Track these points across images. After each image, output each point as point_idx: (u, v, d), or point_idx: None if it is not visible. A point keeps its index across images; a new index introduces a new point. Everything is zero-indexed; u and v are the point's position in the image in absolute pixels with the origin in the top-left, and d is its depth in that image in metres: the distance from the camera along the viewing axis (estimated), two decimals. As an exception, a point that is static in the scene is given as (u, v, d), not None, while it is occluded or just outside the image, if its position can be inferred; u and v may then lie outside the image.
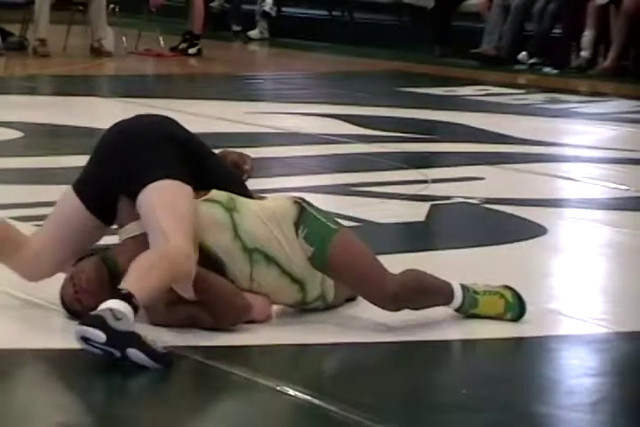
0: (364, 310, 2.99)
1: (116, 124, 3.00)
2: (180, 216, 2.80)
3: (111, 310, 2.63)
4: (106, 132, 3.00)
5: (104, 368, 2.71)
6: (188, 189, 2.86)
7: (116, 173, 2.91)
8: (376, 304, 2.94)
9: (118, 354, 2.62)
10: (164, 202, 2.81)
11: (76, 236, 2.95)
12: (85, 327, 2.61)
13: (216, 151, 3.16)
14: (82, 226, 2.95)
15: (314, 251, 2.92)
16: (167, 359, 2.66)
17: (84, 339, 2.61)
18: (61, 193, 3.07)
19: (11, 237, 3.02)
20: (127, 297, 2.67)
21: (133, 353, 2.61)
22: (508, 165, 5.34)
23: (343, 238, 2.93)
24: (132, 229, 2.94)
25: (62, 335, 2.84)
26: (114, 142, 2.94)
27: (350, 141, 5.77)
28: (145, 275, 2.72)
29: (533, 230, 4.11)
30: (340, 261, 2.91)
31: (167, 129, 2.94)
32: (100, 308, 2.66)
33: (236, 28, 11.75)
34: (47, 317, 2.91)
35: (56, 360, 2.77)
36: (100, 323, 2.60)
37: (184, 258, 2.77)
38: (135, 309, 2.66)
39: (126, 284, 2.71)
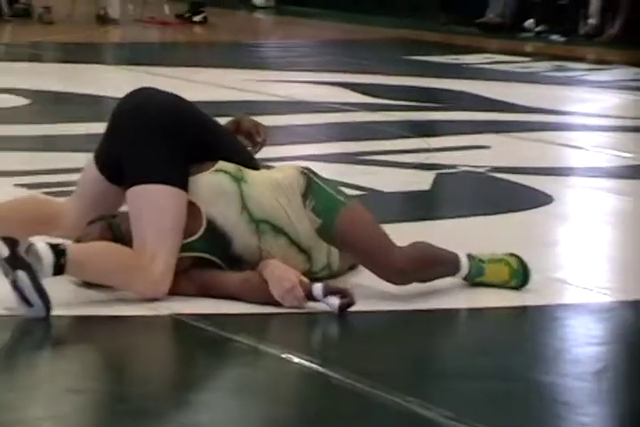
0: (368, 277, 2.98)
1: (129, 97, 2.97)
2: (164, 230, 2.80)
3: (31, 245, 2.68)
4: (120, 103, 2.98)
5: (110, 334, 2.71)
6: (182, 199, 2.84)
7: (122, 150, 2.89)
8: (383, 278, 2.93)
9: (10, 275, 2.66)
10: (153, 212, 2.81)
11: (98, 202, 2.98)
12: (0, 240, 2.67)
13: (231, 118, 3.14)
14: (102, 191, 2.97)
15: (321, 223, 2.90)
16: (48, 303, 2.67)
17: None
18: (69, 159, 3.07)
19: (35, 215, 3.07)
20: (59, 253, 2.69)
21: (22, 278, 2.64)
22: (514, 134, 5.30)
23: (351, 211, 2.91)
24: None
25: (68, 301, 2.84)
26: (122, 120, 2.92)
27: (355, 110, 5.74)
28: (99, 260, 2.75)
29: (539, 199, 4.09)
30: (347, 235, 2.89)
31: (175, 116, 2.90)
32: (29, 239, 2.72)
33: (241, -5, 11.67)
34: (52, 282, 2.90)
35: (61, 326, 2.77)
36: (11, 245, 2.66)
37: (152, 287, 2.80)
38: (56, 268, 2.68)
39: (74, 247, 2.72)
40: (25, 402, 2.34)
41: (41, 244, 2.69)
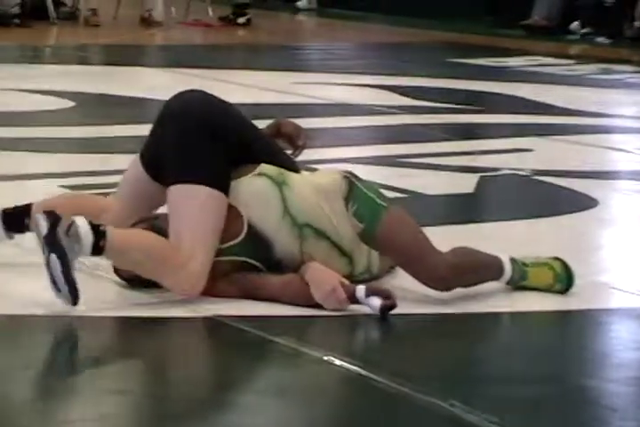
0: (409, 280, 2.97)
1: (176, 99, 2.97)
2: (204, 231, 2.81)
3: (73, 223, 2.68)
4: (167, 104, 2.99)
5: (152, 335, 2.73)
6: (222, 202, 2.84)
7: (166, 149, 2.91)
8: (425, 284, 2.91)
9: (45, 253, 2.68)
10: (194, 211, 2.81)
11: (141, 199, 3.00)
12: (41, 216, 2.69)
13: (271, 120, 3.14)
14: (145, 189, 2.99)
15: (363, 228, 2.90)
16: (76, 294, 2.67)
17: (36, 225, 2.70)
18: (113, 161, 3.08)
19: (80, 210, 3.08)
20: (99, 234, 2.68)
21: (54, 261, 2.65)
22: (559, 137, 5.27)
23: (392, 217, 2.89)
24: None
25: (112, 302, 2.87)
26: (168, 120, 2.93)
27: (399, 112, 5.73)
28: (139, 248, 2.76)
29: (584, 202, 4.05)
30: (389, 240, 2.88)
31: (219, 119, 2.91)
32: (72, 216, 2.70)
33: (284, -3, 11.71)
34: (95, 283, 2.93)
35: (104, 327, 2.79)
36: (52, 222, 2.67)
37: (188, 286, 2.81)
38: (95, 249, 2.68)
39: (116, 231, 2.72)
40: (69, 403, 2.36)
41: (82, 223, 2.68)
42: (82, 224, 2.68)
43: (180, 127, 2.89)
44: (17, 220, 3.07)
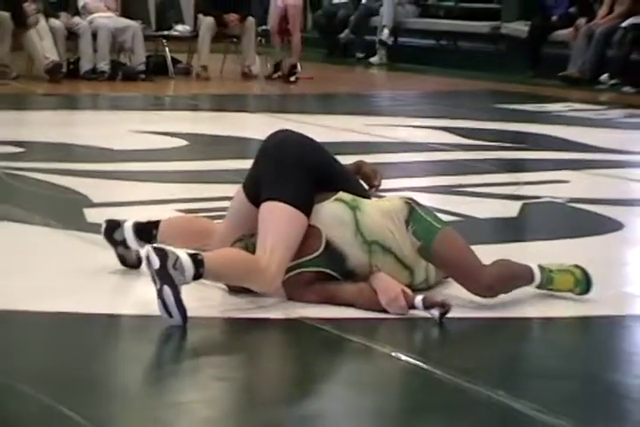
0: (460, 289, 2.95)
1: (273, 136, 3.02)
2: (287, 246, 2.84)
3: (178, 258, 2.67)
4: (266, 139, 3.03)
5: (249, 333, 2.76)
6: (302, 221, 2.87)
7: (263, 175, 2.95)
8: (473, 293, 2.91)
9: (158, 285, 2.66)
10: (277, 224, 2.84)
11: (243, 221, 3.02)
12: (153, 251, 2.67)
13: (353, 159, 3.16)
14: (246, 212, 3.01)
15: (421, 245, 2.91)
16: (185, 316, 2.68)
17: (147, 257, 2.69)
18: (219, 189, 3.12)
19: (195, 229, 3.14)
20: (198, 264, 2.69)
21: (167, 292, 2.64)
22: (590, 170, 5.19)
23: (445, 236, 2.90)
24: None
25: (217, 306, 2.90)
26: (266, 153, 2.98)
27: (453, 149, 5.72)
28: (228, 267, 2.78)
29: (611, 226, 3.98)
30: (442, 256, 2.89)
31: (309, 153, 2.94)
32: (174, 249, 2.69)
33: (359, 55, 11.79)
34: (205, 288, 2.96)
35: (210, 326, 2.83)
36: (162, 257, 2.66)
37: (266, 285, 2.85)
38: (195, 276, 2.69)
39: (209, 258, 2.73)
40: (180, 387, 2.39)
41: (185, 256, 2.69)
42: (184, 257, 2.69)
43: (276, 159, 2.93)
44: (147, 231, 3.14)
